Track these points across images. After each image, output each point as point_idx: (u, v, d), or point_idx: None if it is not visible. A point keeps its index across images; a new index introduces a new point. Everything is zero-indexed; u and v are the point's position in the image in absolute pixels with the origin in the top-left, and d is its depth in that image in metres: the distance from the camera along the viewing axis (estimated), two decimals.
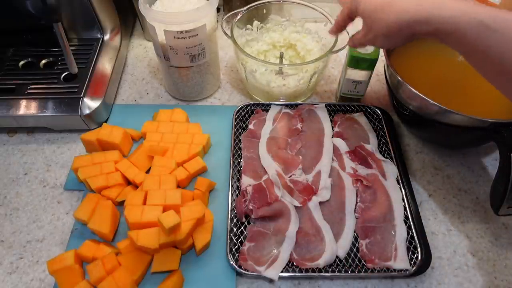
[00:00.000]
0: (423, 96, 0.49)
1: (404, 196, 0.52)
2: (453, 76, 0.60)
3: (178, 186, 0.52)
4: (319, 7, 0.63)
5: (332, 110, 0.63)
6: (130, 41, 0.78)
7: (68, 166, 0.57)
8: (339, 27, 0.53)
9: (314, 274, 0.46)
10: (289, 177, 0.54)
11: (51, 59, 0.65)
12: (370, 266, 0.46)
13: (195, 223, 0.47)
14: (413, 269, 0.46)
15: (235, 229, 0.49)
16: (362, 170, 0.54)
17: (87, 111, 0.59)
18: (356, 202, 0.52)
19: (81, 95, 0.59)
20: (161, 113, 0.61)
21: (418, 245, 0.47)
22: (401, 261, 0.46)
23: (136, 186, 0.53)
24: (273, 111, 0.62)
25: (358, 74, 0.59)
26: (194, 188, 0.52)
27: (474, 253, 0.50)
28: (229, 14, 0.62)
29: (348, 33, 0.59)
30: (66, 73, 0.63)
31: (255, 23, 0.67)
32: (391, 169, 0.54)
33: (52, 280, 0.47)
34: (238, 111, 0.62)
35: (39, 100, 0.59)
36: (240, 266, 0.46)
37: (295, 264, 0.46)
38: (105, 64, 0.65)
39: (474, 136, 0.52)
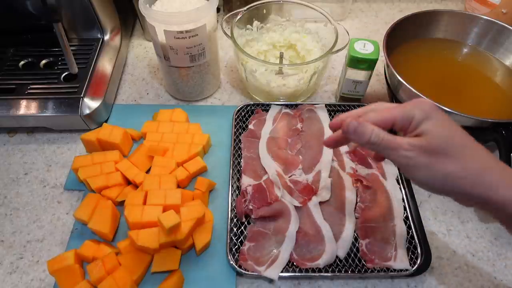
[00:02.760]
0: (423, 96, 0.49)
1: (404, 196, 0.52)
2: (453, 76, 0.60)
3: (178, 186, 0.52)
4: (319, 7, 0.63)
5: (332, 110, 0.63)
6: (130, 41, 0.78)
7: (68, 166, 0.57)
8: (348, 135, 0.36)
9: (314, 274, 0.46)
10: (289, 177, 0.54)
11: (51, 59, 0.65)
12: (370, 266, 0.46)
13: (195, 223, 0.47)
14: (413, 269, 0.46)
15: (235, 229, 0.49)
16: (362, 170, 0.54)
17: (87, 111, 0.59)
18: (356, 202, 0.52)
19: (81, 95, 0.59)
20: (161, 113, 0.61)
21: (418, 245, 0.47)
22: (401, 261, 0.46)
23: (136, 186, 0.53)
24: (273, 111, 0.62)
25: (358, 74, 0.59)
26: (194, 188, 0.52)
27: (474, 253, 0.50)
28: (229, 14, 0.62)
29: (348, 33, 0.59)
30: (66, 73, 0.63)
31: (255, 23, 0.67)
32: (391, 169, 0.54)
33: (52, 280, 0.47)
34: (238, 111, 0.62)
35: (39, 100, 0.59)
36: (240, 266, 0.46)
37: (295, 264, 0.46)
38: (105, 64, 0.65)
39: (474, 136, 0.52)
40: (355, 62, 0.57)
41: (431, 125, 0.34)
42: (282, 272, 0.45)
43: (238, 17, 0.63)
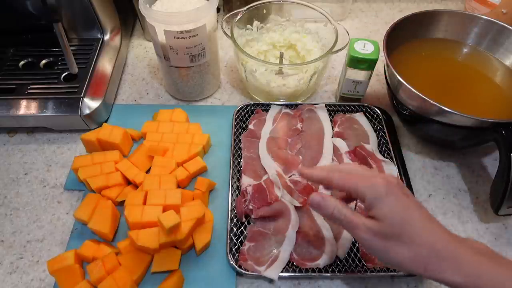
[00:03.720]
0: (423, 96, 0.49)
1: None
2: (453, 76, 0.60)
3: (178, 186, 0.52)
4: (319, 7, 0.63)
5: (332, 110, 0.63)
6: (130, 41, 0.78)
7: (68, 166, 0.57)
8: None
9: (314, 274, 0.46)
10: (289, 177, 0.54)
11: (51, 59, 0.65)
12: (370, 266, 0.46)
13: (195, 223, 0.47)
14: None
15: (235, 229, 0.49)
16: None
17: (87, 111, 0.59)
18: (356, 202, 0.52)
19: (81, 95, 0.59)
20: (161, 113, 0.61)
21: None
22: None
23: (136, 186, 0.53)
24: (273, 111, 0.62)
25: (358, 74, 0.59)
26: (194, 188, 0.52)
27: None
28: (229, 14, 0.62)
29: (348, 33, 0.59)
30: (66, 73, 0.63)
31: (255, 23, 0.67)
32: (391, 169, 0.54)
33: (52, 280, 0.47)
34: (238, 111, 0.62)
35: (39, 100, 0.59)
36: (240, 266, 0.46)
37: (295, 264, 0.46)
38: (105, 64, 0.65)
39: (474, 136, 0.52)
40: (355, 62, 0.57)
41: (385, 209, 0.34)
42: (282, 272, 0.45)
43: (238, 17, 0.63)
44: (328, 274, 0.46)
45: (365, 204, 0.36)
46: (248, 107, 0.63)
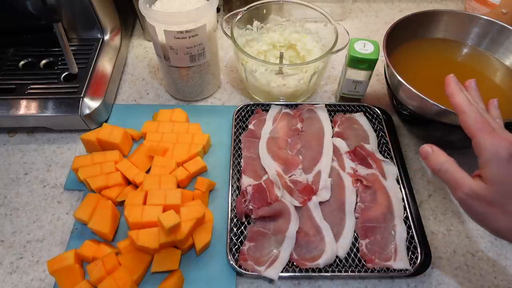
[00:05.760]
0: (423, 96, 0.49)
1: (404, 196, 0.52)
2: None
3: (178, 186, 0.52)
4: (319, 7, 0.63)
5: (332, 110, 0.63)
6: (130, 41, 0.78)
7: (68, 166, 0.58)
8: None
9: (314, 274, 0.46)
10: (289, 177, 0.54)
11: (51, 59, 0.65)
12: (370, 266, 0.46)
13: (195, 223, 0.47)
14: (413, 269, 0.46)
15: (235, 229, 0.49)
16: (362, 170, 0.54)
17: (87, 111, 0.59)
18: (356, 202, 0.52)
19: (81, 95, 0.59)
20: (161, 113, 0.61)
21: (418, 245, 0.47)
22: (401, 261, 0.46)
23: (136, 186, 0.53)
24: (273, 111, 0.62)
25: (358, 74, 0.59)
26: (194, 188, 0.52)
27: (474, 253, 0.50)
28: (229, 14, 0.62)
29: (348, 33, 0.59)
30: (66, 73, 0.63)
31: (255, 23, 0.67)
32: (391, 169, 0.54)
33: (52, 280, 0.47)
34: (238, 111, 0.62)
35: (39, 100, 0.59)
36: (240, 266, 0.46)
37: (295, 264, 0.46)
38: (105, 64, 0.65)
39: None
40: (355, 62, 0.57)
41: (501, 174, 0.32)
42: (282, 272, 0.45)
43: (238, 17, 0.63)
44: (328, 274, 0.46)
45: (479, 160, 0.34)
46: (248, 107, 0.63)
